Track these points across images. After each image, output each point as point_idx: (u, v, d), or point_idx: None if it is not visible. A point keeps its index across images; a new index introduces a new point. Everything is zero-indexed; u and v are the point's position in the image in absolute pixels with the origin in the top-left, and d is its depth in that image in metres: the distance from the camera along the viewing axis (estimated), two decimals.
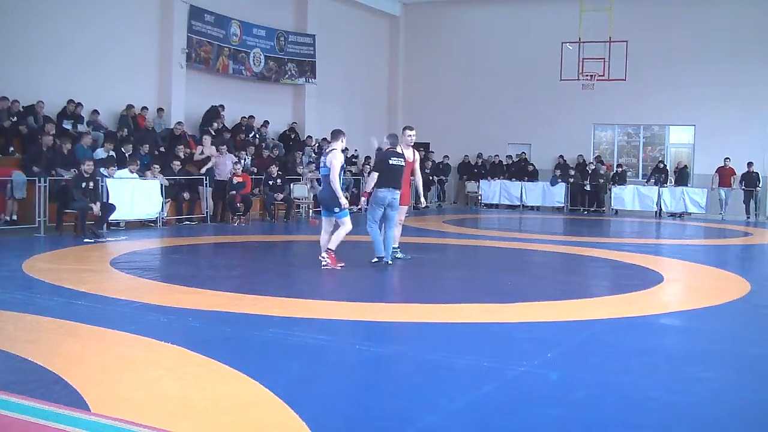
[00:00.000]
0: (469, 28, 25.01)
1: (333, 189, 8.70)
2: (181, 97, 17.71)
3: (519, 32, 24.07)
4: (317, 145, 20.73)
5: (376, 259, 9.01)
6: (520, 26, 24.16)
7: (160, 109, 17.07)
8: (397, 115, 26.30)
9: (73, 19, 15.38)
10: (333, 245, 8.88)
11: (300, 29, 21.54)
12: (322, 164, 9.12)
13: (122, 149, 14.38)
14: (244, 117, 19.38)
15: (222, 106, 18.46)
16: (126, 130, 15.45)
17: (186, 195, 15.04)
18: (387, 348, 5.29)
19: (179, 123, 16.94)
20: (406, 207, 9.92)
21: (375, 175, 9.13)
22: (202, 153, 15.76)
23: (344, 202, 8.84)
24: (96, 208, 11.95)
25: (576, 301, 7.38)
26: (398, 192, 9.04)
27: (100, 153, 13.82)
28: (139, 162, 13.85)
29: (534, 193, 22.54)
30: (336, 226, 8.91)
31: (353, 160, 21.41)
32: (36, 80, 14.53)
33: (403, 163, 9.15)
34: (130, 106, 16.08)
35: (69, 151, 13.39)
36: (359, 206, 11.22)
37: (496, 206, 22.89)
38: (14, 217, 12.38)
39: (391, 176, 9.06)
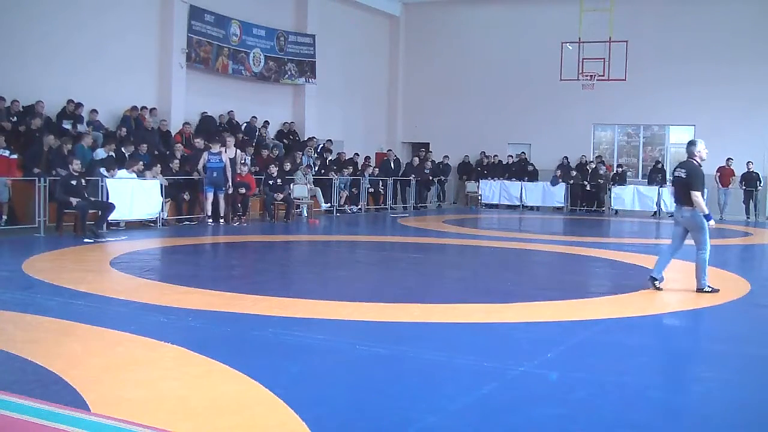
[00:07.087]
0: (470, 28, 25.00)
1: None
2: (180, 97, 17.70)
3: (519, 32, 24.07)
4: (320, 146, 20.68)
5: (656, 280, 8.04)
6: (520, 26, 24.16)
7: (163, 120, 17.04)
8: (397, 115, 26.32)
9: (73, 19, 15.37)
10: None
11: (300, 29, 21.53)
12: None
13: (122, 149, 14.37)
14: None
15: (229, 113, 18.62)
16: (125, 129, 15.44)
17: (186, 195, 15.03)
18: (387, 348, 5.28)
19: (186, 123, 17.00)
20: None
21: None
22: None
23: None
24: (75, 201, 11.88)
25: (576, 301, 7.37)
26: (684, 208, 8.02)
27: (101, 153, 13.81)
28: (142, 163, 13.84)
29: (534, 193, 22.54)
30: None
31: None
32: (36, 80, 14.53)
33: (682, 176, 7.98)
34: (134, 108, 16.09)
35: (69, 152, 13.37)
36: (359, 206, 11.18)
37: (496, 206, 22.88)
38: (4, 217, 12.27)
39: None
